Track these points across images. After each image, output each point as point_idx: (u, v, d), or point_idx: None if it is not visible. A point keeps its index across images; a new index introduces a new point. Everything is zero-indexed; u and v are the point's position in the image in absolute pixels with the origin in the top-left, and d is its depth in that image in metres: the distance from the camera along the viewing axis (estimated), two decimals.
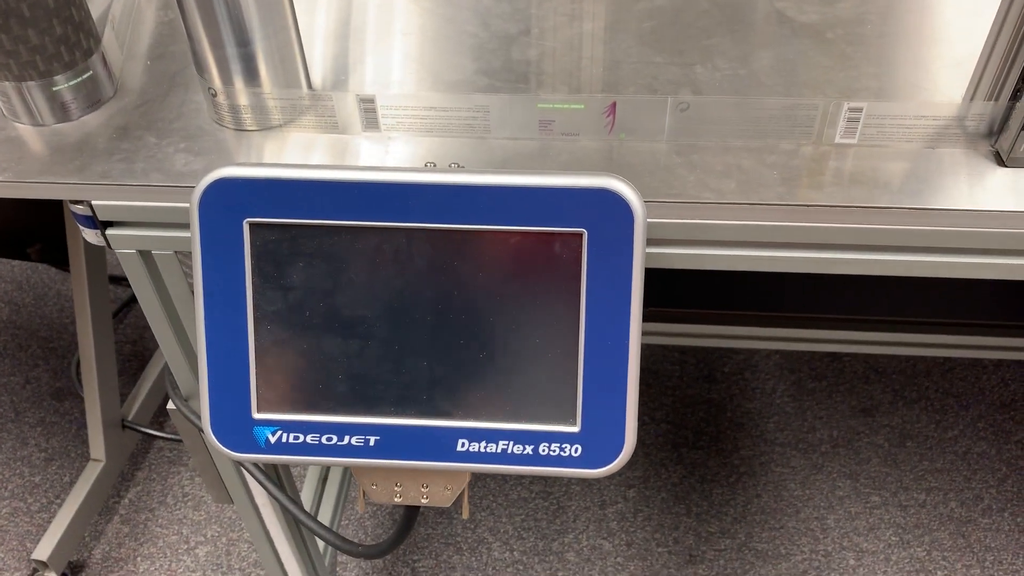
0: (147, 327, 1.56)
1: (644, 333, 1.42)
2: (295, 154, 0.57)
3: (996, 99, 0.54)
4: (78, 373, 1.26)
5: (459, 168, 0.54)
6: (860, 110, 0.54)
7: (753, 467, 1.33)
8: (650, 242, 0.56)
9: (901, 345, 1.37)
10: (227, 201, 0.44)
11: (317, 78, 0.63)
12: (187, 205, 0.53)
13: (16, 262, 1.68)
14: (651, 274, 0.57)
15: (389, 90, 0.62)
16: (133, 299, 1.58)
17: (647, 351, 1.48)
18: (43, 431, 1.42)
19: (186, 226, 0.59)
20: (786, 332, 1.38)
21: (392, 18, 0.69)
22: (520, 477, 1.32)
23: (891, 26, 0.65)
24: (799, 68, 0.62)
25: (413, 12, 0.69)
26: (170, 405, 0.73)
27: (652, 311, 1.38)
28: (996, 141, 0.55)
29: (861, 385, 1.43)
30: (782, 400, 1.42)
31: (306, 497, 1.19)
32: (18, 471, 1.37)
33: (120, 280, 1.56)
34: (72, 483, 1.28)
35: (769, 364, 1.48)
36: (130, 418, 1.32)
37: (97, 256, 1.14)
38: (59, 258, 1.20)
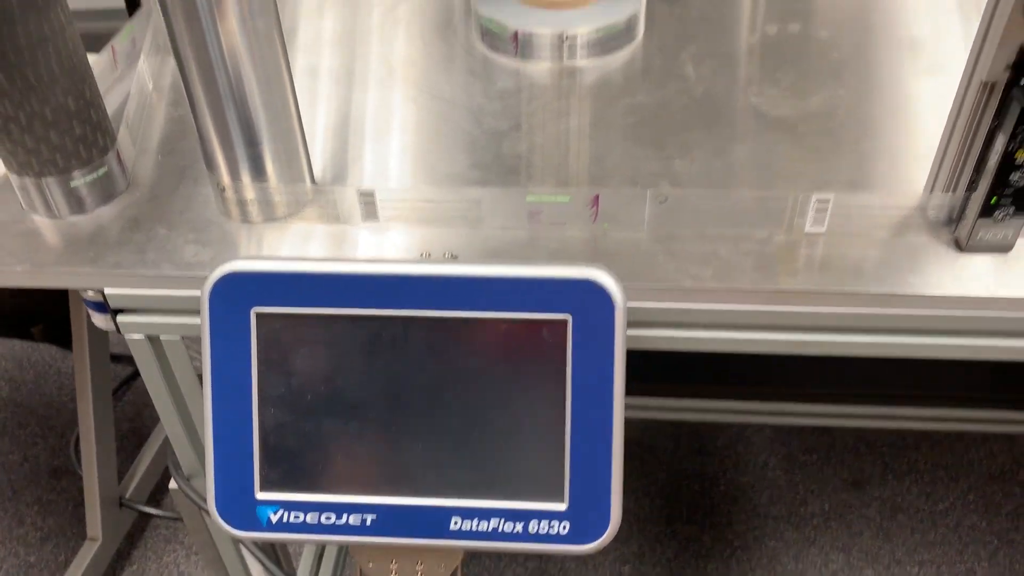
0: (146, 405, 1.58)
1: (638, 408, 1.44)
2: (298, 245, 0.61)
3: (953, 191, 0.58)
4: (76, 451, 1.28)
5: (453, 258, 0.57)
6: (827, 201, 0.58)
7: (747, 541, 1.34)
8: (634, 324, 0.59)
9: (889, 419, 1.39)
10: (235, 292, 0.47)
11: (319, 171, 0.67)
12: (194, 293, 0.57)
13: (17, 340, 1.71)
14: (644, 352, 0.60)
15: (388, 182, 0.66)
16: (133, 377, 1.60)
17: (641, 426, 1.50)
18: (40, 510, 1.42)
19: (192, 312, 0.62)
20: (777, 407, 1.41)
21: (391, 115, 0.73)
22: (516, 555, 1.33)
23: (859, 119, 0.70)
24: (772, 160, 0.66)
25: (411, 109, 0.74)
26: (172, 485, 0.74)
27: (646, 387, 1.41)
28: (955, 229, 0.58)
29: (851, 458, 1.45)
30: (774, 473, 1.43)
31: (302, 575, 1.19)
32: (13, 550, 1.37)
33: (120, 358, 1.58)
34: (68, 563, 1.28)
35: (761, 437, 1.49)
36: (127, 496, 1.33)
37: (99, 335, 1.17)
38: (62, 338, 1.23)
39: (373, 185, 0.65)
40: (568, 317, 0.47)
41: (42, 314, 1.22)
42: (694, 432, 1.50)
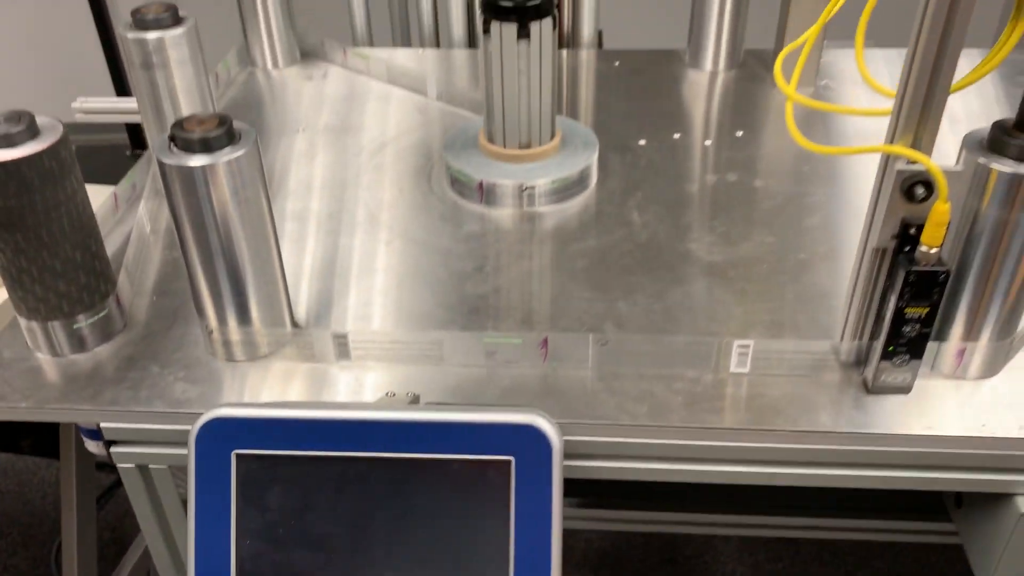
0: (127, 513, 1.61)
1: (607, 520, 1.47)
2: (278, 383, 0.67)
3: (860, 338, 0.65)
4: (58, 560, 1.31)
5: (415, 397, 0.64)
6: (748, 346, 0.66)
7: None
8: (578, 456, 0.66)
9: (852, 530, 1.44)
10: (218, 436, 0.54)
11: (303, 310, 0.74)
12: (182, 428, 0.63)
13: (3, 453, 1.74)
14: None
15: (363, 322, 0.73)
16: (115, 485, 1.63)
17: (610, 537, 1.53)
18: None
19: (179, 444, 0.68)
20: (743, 519, 1.45)
21: (368, 258, 0.81)
22: None
23: (785, 266, 0.78)
24: (705, 303, 0.74)
25: (386, 252, 0.82)
26: None
27: (615, 501, 1.45)
28: (863, 372, 0.66)
29: (817, 567, 1.48)
30: None
31: None
32: None
33: (103, 466, 1.62)
34: None
35: (729, 547, 1.53)
36: None
37: (86, 449, 1.22)
38: (49, 450, 1.27)
39: (345, 328, 0.72)
40: (512, 458, 0.54)
41: (32, 428, 1.27)
42: (663, 542, 1.54)
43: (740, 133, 0.99)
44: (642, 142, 0.98)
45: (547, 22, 0.82)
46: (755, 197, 0.88)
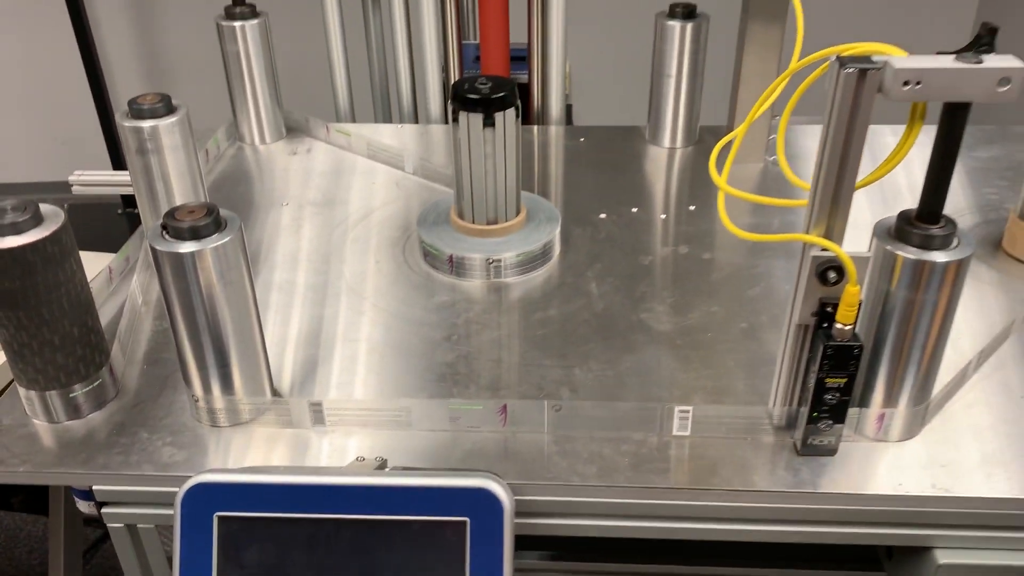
0: (113, 568, 1.64)
1: (573, 573, 1.50)
2: (259, 447, 0.73)
3: (789, 404, 0.72)
4: None
5: (383, 461, 0.70)
6: (688, 411, 0.72)
7: None
8: (532, 514, 0.71)
9: None
10: (202, 499, 0.59)
11: (285, 377, 0.80)
12: (169, 490, 0.68)
13: None
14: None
15: (340, 389, 0.79)
16: (101, 540, 1.66)
17: None
18: None
19: (167, 504, 0.73)
20: (693, 569, 1.49)
21: (346, 327, 0.87)
22: None
23: (727, 335, 0.85)
24: (653, 370, 0.81)
25: (362, 323, 0.88)
26: None
27: (578, 553, 1.50)
28: (793, 435, 0.72)
29: None
30: None
31: None
32: None
33: (90, 522, 1.65)
34: None
35: None
36: None
37: (75, 504, 1.26)
38: (39, 507, 1.32)
39: (323, 396, 0.78)
40: (467, 519, 0.59)
41: (23, 487, 1.31)
42: None
43: (693, 207, 1.06)
44: (603, 215, 1.06)
45: (510, 112, 0.90)
46: (704, 268, 0.95)
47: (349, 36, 1.33)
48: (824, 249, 0.64)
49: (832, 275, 0.64)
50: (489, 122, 0.89)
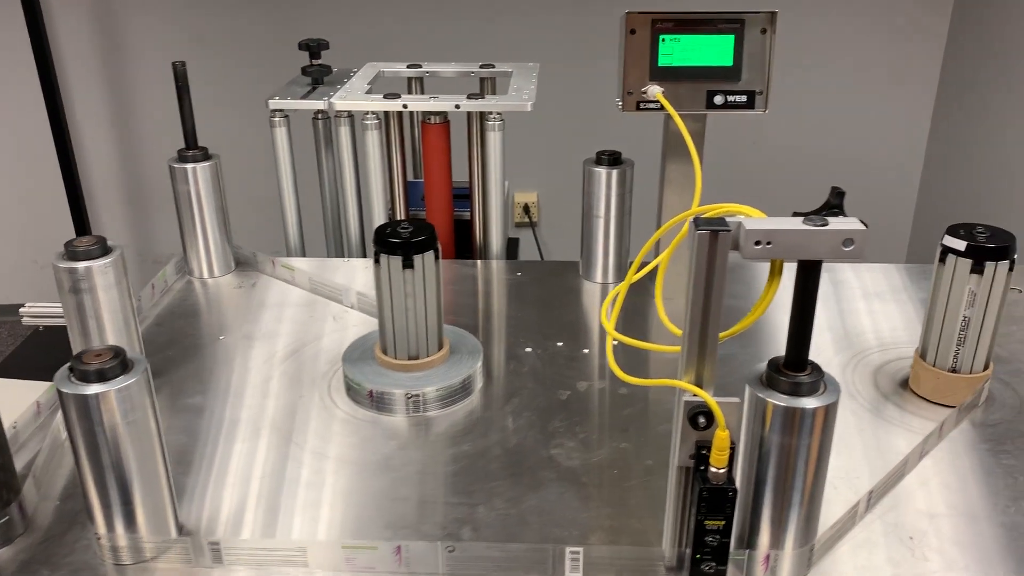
0: None
1: None
2: None
3: (679, 546, 0.73)
4: None
5: None
6: (579, 552, 0.73)
7: None
8: None
9: None
10: None
11: (192, 516, 0.81)
12: None
13: None
14: None
15: (251, 527, 0.81)
16: None
17: None
18: None
19: None
20: None
21: (265, 464, 0.89)
22: None
23: (632, 472, 0.87)
24: (556, 508, 0.82)
25: (277, 458, 0.90)
26: None
27: None
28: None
29: None
30: None
31: None
32: None
33: None
34: None
35: None
36: None
37: None
38: None
39: (222, 535, 0.79)
40: None
41: None
42: None
43: (616, 343, 1.10)
44: (528, 349, 1.09)
45: (429, 255, 0.95)
46: (618, 403, 0.98)
47: (305, 173, 1.40)
48: (695, 395, 0.67)
49: (702, 420, 0.67)
50: (408, 264, 0.94)
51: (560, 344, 1.10)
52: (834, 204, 0.66)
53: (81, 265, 0.92)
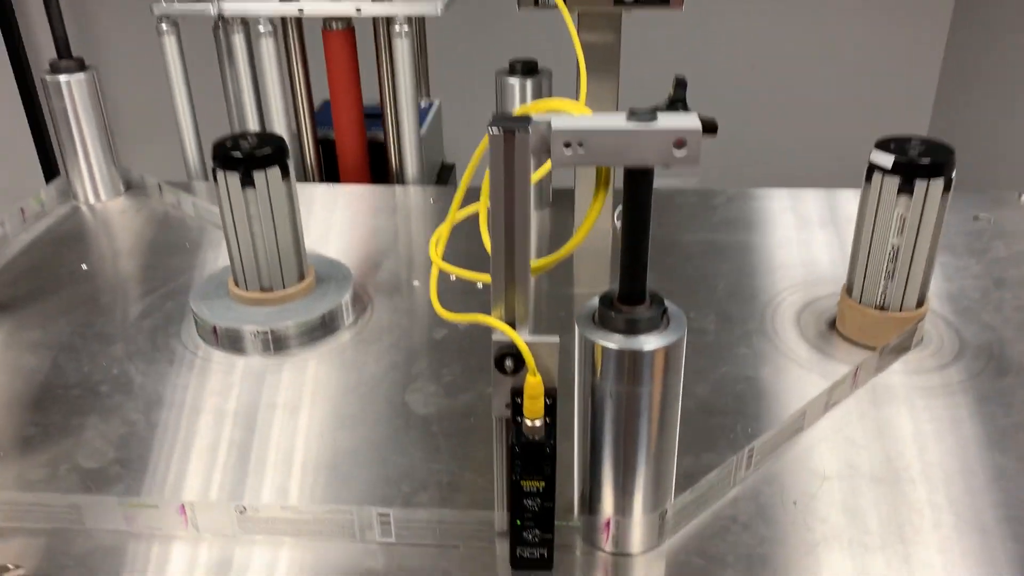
0: None
1: None
2: None
3: (503, 509, 0.62)
4: None
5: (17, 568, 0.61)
6: (388, 515, 0.63)
7: None
8: None
9: None
10: None
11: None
12: None
13: None
14: None
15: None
16: None
17: None
18: None
19: None
20: None
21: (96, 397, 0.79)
22: None
23: (491, 421, 0.75)
24: (389, 461, 0.71)
25: (106, 389, 0.80)
26: None
27: None
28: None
29: None
30: None
31: None
32: None
33: None
34: None
35: None
36: None
37: None
38: None
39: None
40: None
41: None
42: None
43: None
44: (416, 283, 0.97)
45: (274, 171, 0.83)
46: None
47: (210, 92, 1.28)
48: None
49: (508, 363, 0.55)
50: (248, 181, 0.82)
51: (453, 278, 0.98)
52: (676, 97, 0.53)
53: None
